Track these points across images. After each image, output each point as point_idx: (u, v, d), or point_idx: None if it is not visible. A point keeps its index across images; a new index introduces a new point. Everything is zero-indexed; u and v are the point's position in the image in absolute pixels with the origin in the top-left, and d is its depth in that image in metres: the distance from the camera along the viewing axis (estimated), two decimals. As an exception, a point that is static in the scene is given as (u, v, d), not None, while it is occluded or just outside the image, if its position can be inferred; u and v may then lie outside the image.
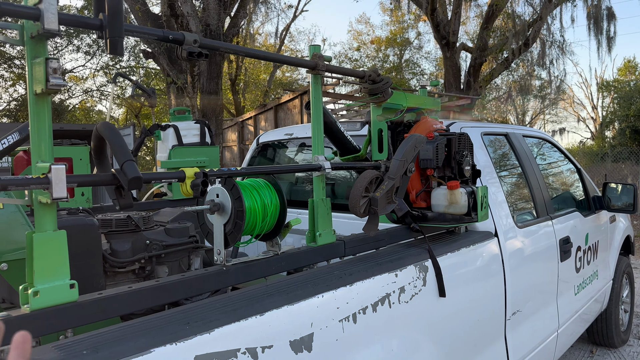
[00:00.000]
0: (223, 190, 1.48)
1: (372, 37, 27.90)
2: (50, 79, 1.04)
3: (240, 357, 1.32)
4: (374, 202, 1.70)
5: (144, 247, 1.99)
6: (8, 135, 2.62)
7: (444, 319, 2.06)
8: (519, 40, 14.18)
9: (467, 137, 2.17)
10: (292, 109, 11.87)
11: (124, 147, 1.15)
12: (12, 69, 20.70)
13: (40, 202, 1.08)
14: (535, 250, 2.86)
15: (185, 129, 3.44)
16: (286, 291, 1.55)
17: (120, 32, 1.10)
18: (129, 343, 1.16)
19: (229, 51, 1.44)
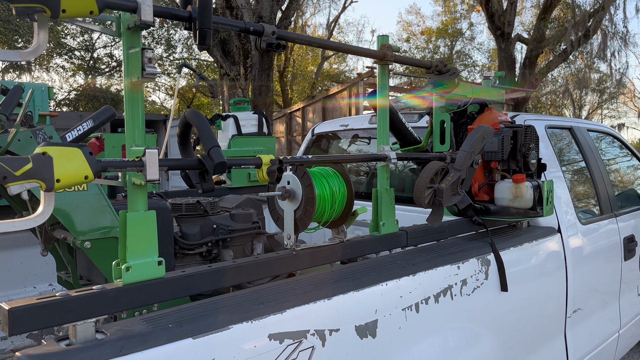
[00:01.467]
0: (294, 177, 1.53)
1: (423, 28, 27.45)
2: (146, 67, 1.11)
3: (309, 338, 1.37)
4: (439, 193, 1.71)
5: (211, 231, 2.08)
6: (83, 122, 2.77)
7: (504, 313, 2.04)
8: (579, 31, 13.60)
9: (533, 130, 2.13)
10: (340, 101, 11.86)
11: (210, 134, 1.21)
12: (72, 60, 21.66)
13: (133, 184, 1.16)
14: (598, 248, 2.78)
15: (244, 119, 3.53)
16: (351, 278, 1.59)
17: (209, 24, 1.15)
18: (210, 319, 1.23)
19: (303, 42, 1.48)
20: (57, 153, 0.99)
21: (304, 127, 13.37)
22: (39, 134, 1.76)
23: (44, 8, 1.00)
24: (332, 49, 1.57)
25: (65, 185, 1.01)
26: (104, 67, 22.35)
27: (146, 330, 1.14)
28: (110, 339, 1.09)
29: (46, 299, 1.07)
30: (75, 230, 1.73)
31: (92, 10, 1.05)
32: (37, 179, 0.97)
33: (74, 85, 22.56)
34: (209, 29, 1.16)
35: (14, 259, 2.85)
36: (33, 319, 1.04)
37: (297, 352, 1.34)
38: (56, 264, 2.26)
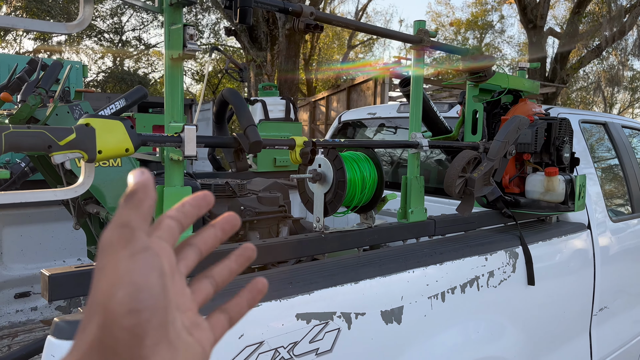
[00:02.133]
0: (326, 160, 1.53)
1: (452, 19, 27.03)
2: (188, 44, 1.12)
3: (336, 320, 1.38)
4: (470, 182, 1.69)
5: (238, 212, 2.09)
6: (115, 101, 2.81)
7: (530, 307, 2.02)
8: (614, 27, 13.21)
9: (568, 123, 2.09)
10: (366, 91, 11.80)
11: (247, 112, 1.22)
12: (101, 42, 21.96)
13: (171, 159, 1.17)
14: (628, 247, 2.73)
15: (272, 104, 3.53)
16: (378, 263, 1.59)
17: (250, 2, 1.15)
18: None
19: (340, 24, 1.47)
20: (99, 125, 1.00)
21: (328, 115, 13.34)
22: (75, 110, 1.79)
23: (90, -19, 1.01)
24: (367, 31, 1.55)
25: (106, 156, 1.03)
26: (132, 50, 22.60)
27: (178, 303, 1.16)
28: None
29: (84, 267, 1.09)
30: (108, 205, 1.77)
31: (136, -15, 1.06)
32: (80, 149, 0.99)
33: (103, 67, 22.90)
34: (249, 7, 1.16)
35: (45, 233, 2.92)
36: (71, 285, 1.07)
37: (323, 333, 1.35)
38: (87, 238, 2.31)
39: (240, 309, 0.48)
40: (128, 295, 0.34)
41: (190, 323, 0.41)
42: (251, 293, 0.48)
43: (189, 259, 0.44)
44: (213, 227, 0.46)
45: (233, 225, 0.47)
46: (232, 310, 0.47)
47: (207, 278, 0.47)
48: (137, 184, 0.38)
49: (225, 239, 0.47)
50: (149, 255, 0.36)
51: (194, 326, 0.42)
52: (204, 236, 0.46)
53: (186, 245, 0.45)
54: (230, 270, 0.48)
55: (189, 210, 0.44)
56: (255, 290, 0.48)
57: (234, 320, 0.47)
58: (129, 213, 0.37)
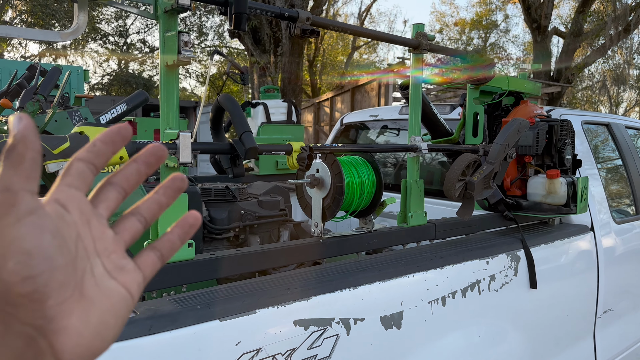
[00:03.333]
0: (323, 165, 1.52)
1: (456, 19, 26.97)
2: (182, 51, 1.12)
3: (334, 326, 1.37)
4: (470, 186, 1.68)
5: (239, 216, 2.09)
6: (116, 105, 2.82)
7: (533, 311, 2.01)
8: (619, 25, 13.13)
9: (569, 125, 2.07)
10: (370, 92, 11.79)
11: (243, 118, 1.22)
12: (106, 45, 22.06)
13: (167, 166, 1.17)
14: (632, 249, 2.70)
15: (274, 107, 3.53)
16: (378, 268, 1.58)
17: (245, 8, 1.15)
18: (237, 302, 1.24)
19: (337, 29, 1.46)
20: (93, 133, 1.00)
21: (332, 117, 13.34)
22: (74, 115, 1.80)
23: (84, -11, 1.01)
24: (365, 36, 1.55)
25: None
26: (137, 52, 22.70)
27: (175, 310, 1.16)
28: (140, 318, 1.10)
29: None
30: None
31: (130, -8, 1.05)
32: (74, 157, 0.99)
33: (107, 70, 23.00)
34: (244, 13, 1.16)
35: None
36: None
37: (321, 339, 1.34)
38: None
39: (172, 244, 0.46)
40: (19, 263, 0.34)
41: (114, 266, 0.41)
42: (182, 228, 0.46)
43: (109, 200, 0.42)
44: (135, 161, 0.44)
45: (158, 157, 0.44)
46: (162, 247, 0.45)
47: (134, 215, 0.44)
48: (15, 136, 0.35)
49: (151, 172, 0.45)
50: (37, 217, 0.35)
51: (118, 269, 0.41)
52: (125, 173, 0.43)
53: (106, 184, 0.43)
54: (160, 204, 0.45)
55: (101, 148, 0.41)
56: (186, 225, 0.46)
57: (166, 257, 0.46)
58: (8, 174, 0.34)
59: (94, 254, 0.40)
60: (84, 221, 0.39)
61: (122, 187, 0.43)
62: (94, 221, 0.40)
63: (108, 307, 0.39)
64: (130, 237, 0.44)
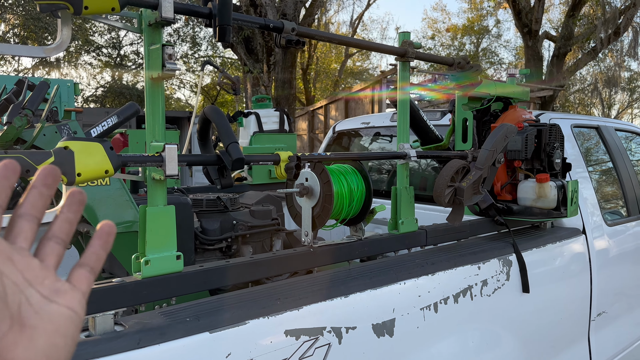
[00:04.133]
0: (312, 174, 1.53)
1: (448, 25, 27.15)
2: (166, 64, 1.12)
3: (326, 335, 1.37)
4: (459, 192, 1.69)
5: (231, 226, 2.09)
6: (107, 118, 2.82)
7: (526, 315, 2.01)
8: (609, 28, 13.25)
9: (558, 129, 2.09)
10: (363, 99, 11.84)
11: (229, 130, 1.22)
12: (100, 57, 22.07)
13: (153, 179, 1.17)
14: (624, 251, 2.71)
15: (266, 116, 3.54)
16: (369, 276, 1.58)
17: (229, 20, 1.16)
18: (226, 314, 1.24)
19: (323, 39, 1.47)
20: (78, 147, 1.00)
21: (327, 124, 13.37)
22: (63, 129, 1.80)
23: (67, 5, 1.01)
24: (352, 45, 1.56)
25: (86, 179, 1.02)
26: (130, 64, 22.72)
27: (164, 323, 1.16)
28: (129, 331, 1.10)
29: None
30: (97, 224, 1.77)
31: (114, 7, 1.06)
32: (59, 172, 0.98)
33: (101, 82, 22.99)
34: (228, 25, 1.16)
35: (41, 251, 2.91)
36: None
37: (313, 349, 1.34)
38: (79, 257, 2.30)
39: (97, 256, 0.48)
40: None
41: (50, 291, 0.42)
42: (101, 239, 0.48)
43: (24, 231, 0.44)
44: (34, 187, 0.45)
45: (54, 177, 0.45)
46: (89, 261, 0.47)
47: (50, 240, 0.46)
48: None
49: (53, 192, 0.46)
50: None
51: (55, 293, 0.42)
52: (30, 201, 0.45)
53: (16, 218, 0.44)
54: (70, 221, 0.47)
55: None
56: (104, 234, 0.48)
57: (96, 269, 0.48)
58: None
59: (25, 285, 0.41)
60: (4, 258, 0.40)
61: (32, 215, 0.45)
62: (15, 256, 0.42)
63: (53, 330, 0.41)
64: (55, 260, 0.46)
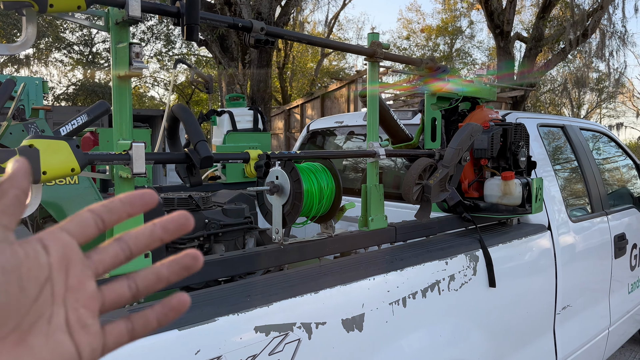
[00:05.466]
0: (282, 172, 1.54)
1: (423, 26, 27.44)
2: (133, 62, 1.12)
3: (296, 331, 1.39)
4: (427, 189, 1.73)
5: (203, 225, 2.09)
6: (77, 116, 2.78)
7: (493, 309, 2.06)
8: (577, 30, 13.59)
9: (523, 128, 2.15)
10: (339, 98, 11.90)
11: (197, 128, 1.23)
12: (71, 54, 21.63)
13: (120, 177, 1.17)
14: (588, 246, 2.80)
15: (240, 115, 3.54)
16: (339, 272, 1.61)
17: (197, 19, 1.17)
18: (196, 311, 1.25)
19: (292, 38, 1.49)
20: (43, 145, 1.00)
21: (303, 123, 13.39)
22: (30, 128, 1.77)
23: (31, 2, 1.01)
24: (321, 45, 1.58)
25: (51, 177, 1.02)
26: (102, 61, 22.32)
27: (132, 321, 1.16)
28: (96, 330, 1.10)
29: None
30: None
31: (79, 5, 1.06)
32: (24, 171, 0.98)
33: (73, 79, 22.53)
34: (196, 24, 1.17)
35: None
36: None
37: (283, 345, 1.36)
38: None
39: (147, 322, 0.43)
40: None
41: (77, 321, 0.38)
42: (163, 308, 0.43)
43: (107, 254, 0.40)
44: (153, 224, 0.42)
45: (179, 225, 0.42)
46: (136, 322, 0.42)
47: (127, 280, 0.42)
48: (7, 174, 0.36)
49: (169, 239, 0.42)
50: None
51: (80, 326, 0.39)
52: (137, 232, 0.41)
53: (113, 240, 0.41)
54: (159, 276, 0.42)
55: (116, 206, 0.40)
56: (168, 307, 0.43)
57: (137, 334, 0.43)
58: None
59: (60, 302, 0.38)
60: (62, 266, 0.38)
61: (129, 245, 0.41)
62: (75, 270, 0.38)
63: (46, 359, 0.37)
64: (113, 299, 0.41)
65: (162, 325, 0.44)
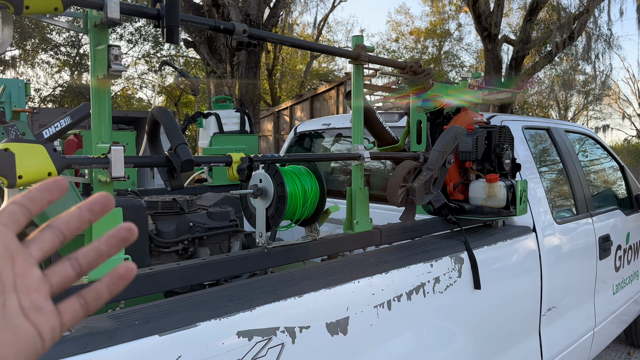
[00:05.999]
0: (266, 175, 1.54)
1: (412, 28, 27.57)
2: (112, 65, 1.11)
3: (279, 335, 1.38)
4: (411, 192, 1.73)
5: (187, 229, 2.08)
6: (60, 119, 2.75)
7: (478, 311, 2.07)
8: (564, 33, 13.74)
9: (507, 130, 2.16)
10: (328, 100, 11.89)
11: (177, 131, 1.22)
12: (57, 55, 21.41)
13: (99, 181, 1.16)
14: (573, 247, 2.82)
15: (226, 117, 3.52)
16: (323, 275, 1.60)
17: (177, 22, 1.16)
18: (177, 316, 1.23)
19: (275, 41, 1.49)
20: (19, 149, 0.98)
21: (292, 125, 13.36)
22: (11, 130, 1.75)
23: (6, 4, 0.99)
24: (305, 48, 1.57)
25: (27, 181, 1.00)
26: (90, 63, 22.09)
27: (112, 327, 1.14)
28: (75, 336, 1.08)
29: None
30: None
31: (56, 7, 1.05)
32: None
33: (60, 81, 22.31)
34: (176, 26, 1.16)
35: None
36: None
37: (266, 349, 1.35)
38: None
39: (98, 294, 0.45)
40: None
41: (31, 305, 0.41)
42: (112, 278, 0.45)
43: (43, 241, 0.43)
44: (79, 207, 0.44)
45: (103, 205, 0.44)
46: (88, 296, 0.45)
47: (69, 260, 0.44)
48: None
49: (96, 219, 0.45)
50: None
51: (35, 309, 0.41)
52: (66, 217, 0.44)
53: (45, 227, 0.44)
54: (99, 251, 0.45)
55: (36, 195, 0.43)
56: (116, 276, 0.45)
57: (91, 307, 0.45)
58: None
59: (10, 289, 0.40)
60: (7, 256, 0.40)
61: (61, 231, 0.44)
62: (19, 258, 0.41)
63: (9, 342, 0.39)
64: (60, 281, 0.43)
65: (113, 295, 0.46)
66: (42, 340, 0.41)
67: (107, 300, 0.46)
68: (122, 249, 0.46)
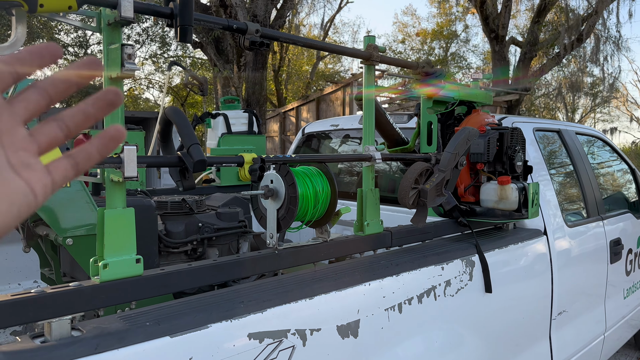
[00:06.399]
0: (277, 176, 1.52)
1: (418, 30, 27.52)
2: (125, 64, 1.10)
3: (290, 338, 1.36)
4: (423, 194, 1.71)
5: (196, 229, 2.07)
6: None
7: (489, 315, 2.05)
8: (572, 35, 13.67)
9: (519, 132, 2.14)
10: (335, 101, 11.88)
11: (190, 131, 1.21)
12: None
13: (112, 181, 1.15)
14: (584, 251, 2.80)
15: (234, 118, 3.52)
16: (334, 277, 1.59)
17: (190, 21, 1.15)
18: (188, 318, 1.22)
19: (288, 41, 1.47)
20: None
21: (298, 126, 13.36)
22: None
23: (21, 2, 0.99)
24: (317, 48, 1.56)
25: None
26: (102, 62, 22.17)
27: (123, 328, 1.14)
28: (86, 337, 1.08)
29: (20, 295, 1.06)
30: (57, 227, 1.72)
31: (70, 6, 1.04)
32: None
33: (68, 81, 22.34)
34: (190, 25, 1.15)
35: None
36: (7, 315, 1.03)
37: (277, 352, 1.34)
38: (40, 260, 2.24)
39: (89, 155, 0.44)
40: None
41: (19, 162, 0.40)
42: (102, 140, 0.45)
43: (29, 100, 0.42)
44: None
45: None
46: (78, 156, 0.44)
47: (56, 121, 0.43)
48: None
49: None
50: None
51: (24, 166, 0.40)
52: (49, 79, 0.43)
53: (31, 87, 0.43)
54: (86, 114, 0.44)
55: (25, 57, 0.42)
56: (107, 137, 0.45)
57: (81, 167, 0.45)
58: None
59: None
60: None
61: (46, 91, 0.42)
62: (4, 115, 0.40)
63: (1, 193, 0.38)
64: (47, 141, 0.43)
65: (103, 157, 0.46)
66: (35, 195, 0.40)
67: (97, 162, 0.45)
68: (108, 113, 0.45)
